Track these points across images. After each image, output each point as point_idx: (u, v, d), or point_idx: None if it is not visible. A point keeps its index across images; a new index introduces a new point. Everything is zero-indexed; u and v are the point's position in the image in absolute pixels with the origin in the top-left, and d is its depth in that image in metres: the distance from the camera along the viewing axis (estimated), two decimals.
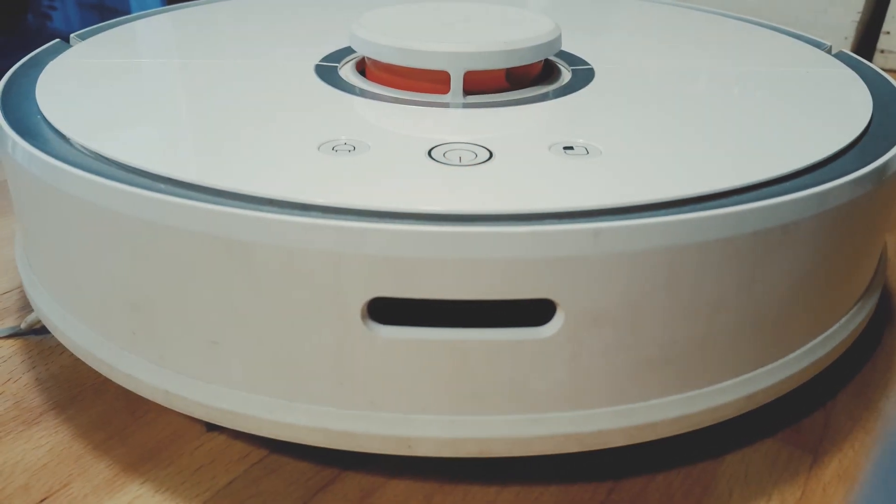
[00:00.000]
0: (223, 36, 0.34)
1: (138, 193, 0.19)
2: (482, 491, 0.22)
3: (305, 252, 0.18)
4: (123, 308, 0.21)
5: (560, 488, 0.22)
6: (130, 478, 0.22)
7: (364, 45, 0.27)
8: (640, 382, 0.20)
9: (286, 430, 0.20)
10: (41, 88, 0.26)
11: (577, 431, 0.20)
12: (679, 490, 0.22)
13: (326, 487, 0.22)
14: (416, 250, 0.18)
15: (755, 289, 0.20)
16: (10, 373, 0.27)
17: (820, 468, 0.23)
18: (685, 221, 0.18)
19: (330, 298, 0.18)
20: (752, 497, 0.22)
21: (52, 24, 1.35)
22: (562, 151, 0.22)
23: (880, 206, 0.24)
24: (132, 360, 0.21)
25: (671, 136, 0.23)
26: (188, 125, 0.23)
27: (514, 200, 0.19)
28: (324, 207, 0.18)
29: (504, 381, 0.19)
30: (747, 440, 0.24)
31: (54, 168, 0.20)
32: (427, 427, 0.20)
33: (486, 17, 0.29)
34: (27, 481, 0.22)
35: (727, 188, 0.20)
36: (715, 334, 0.20)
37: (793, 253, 0.20)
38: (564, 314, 0.19)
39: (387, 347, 0.19)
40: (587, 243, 0.18)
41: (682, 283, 0.19)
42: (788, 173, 0.21)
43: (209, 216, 0.18)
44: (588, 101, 0.26)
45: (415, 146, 0.22)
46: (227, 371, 0.20)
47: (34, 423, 0.24)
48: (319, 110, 0.25)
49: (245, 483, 0.22)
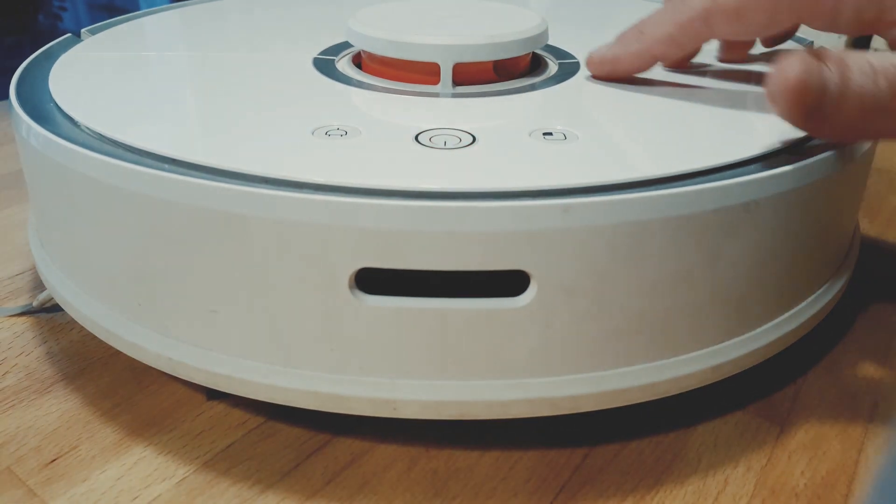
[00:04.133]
0: (227, 30, 0.35)
1: (143, 172, 0.20)
2: (464, 455, 0.24)
3: (296, 225, 0.19)
4: (129, 281, 0.22)
5: (538, 453, 0.24)
6: (135, 441, 0.24)
7: (359, 38, 0.28)
8: (610, 351, 0.21)
9: (280, 394, 0.22)
10: (54, 78, 0.28)
11: (550, 396, 0.21)
12: (651, 456, 0.24)
13: (318, 451, 0.24)
14: (399, 224, 0.19)
15: (720, 264, 0.21)
16: (23, 347, 0.28)
17: (786, 438, 0.25)
18: (649, 198, 0.20)
19: (319, 269, 0.20)
20: (721, 463, 0.24)
21: (62, 25, 1.38)
22: (541, 137, 0.23)
23: (847, 188, 0.25)
24: (138, 330, 0.23)
25: (647, 123, 0.24)
26: (191, 111, 0.25)
27: (491, 179, 0.20)
28: (314, 185, 0.20)
29: (482, 348, 0.21)
30: (719, 412, 0.26)
31: (66, 149, 0.22)
32: (411, 391, 0.21)
33: (477, 12, 0.30)
34: (39, 444, 0.24)
35: (693, 169, 0.21)
36: (681, 307, 0.22)
37: (756, 230, 0.22)
38: (537, 285, 0.20)
39: (373, 315, 0.20)
40: (557, 218, 0.19)
41: (647, 257, 0.20)
42: (754, 156, 0.22)
43: (209, 192, 0.20)
44: (571, 91, 0.28)
45: (403, 131, 0.23)
46: (225, 339, 0.22)
47: (46, 392, 0.26)
48: (315, 99, 0.26)
49: (243, 446, 0.24)
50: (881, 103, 0.21)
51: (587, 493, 0.23)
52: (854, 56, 0.21)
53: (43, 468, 0.23)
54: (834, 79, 0.21)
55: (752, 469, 0.23)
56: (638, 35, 0.27)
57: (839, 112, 0.21)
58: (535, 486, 0.23)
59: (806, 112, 0.21)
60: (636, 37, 0.27)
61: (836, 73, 0.21)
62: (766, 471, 0.23)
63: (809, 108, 0.21)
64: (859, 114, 0.21)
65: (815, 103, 0.21)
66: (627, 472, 0.23)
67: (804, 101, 0.21)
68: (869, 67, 0.21)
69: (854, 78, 0.21)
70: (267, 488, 0.22)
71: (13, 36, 1.02)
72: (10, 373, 0.27)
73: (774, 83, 0.21)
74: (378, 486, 0.23)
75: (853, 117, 0.21)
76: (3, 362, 0.27)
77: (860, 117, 0.21)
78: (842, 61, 0.21)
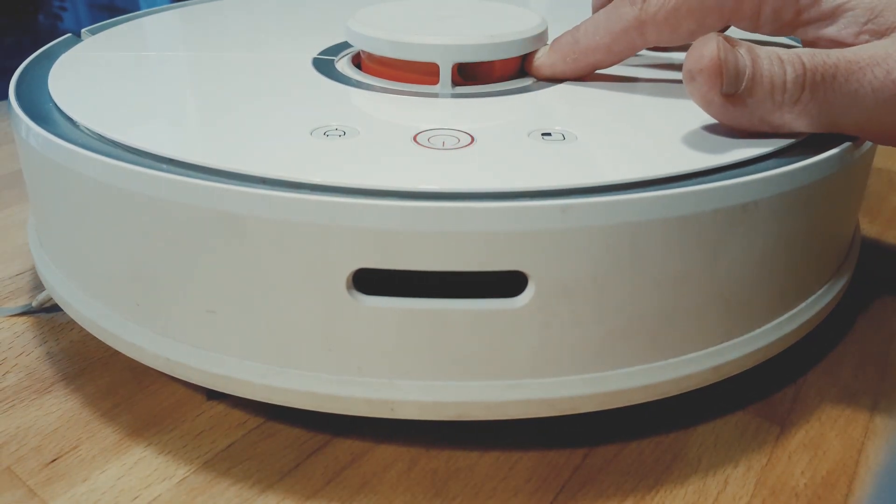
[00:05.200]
0: (227, 30, 0.35)
1: (142, 172, 0.20)
2: (464, 455, 0.24)
3: (294, 226, 0.19)
4: (128, 281, 0.22)
5: (538, 453, 0.24)
6: (136, 441, 0.24)
7: (358, 38, 0.28)
8: (609, 352, 0.21)
9: (278, 394, 0.22)
10: (53, 78, 0.28)
11: (549, 397, 0.21)
12: (651, 456, 0.24)
13: (318, 451, 0.24)
14: (398, 224, 0.19)
15: (719, 265, 0.21)
16: (24, 347, 0.28)
17: (786, 438, 0.25)
18: (648, 199, 0.20)
19: (317, 270, 0.20)
20: (721, 463, 0.24)
21: (62, 25, 1.38)
22: (540, 137, 0.23)
23: (846, 188, 0.25)
24: (136, 330, 0.23)
25: (646, 123, 0.24)
26: (191, 112, 0.25)
27: (490, 180, 0.20)
28: (312, 185, 0.20)
29: (481, 349, 0.21)
30: (719, 413, 0.26)
31: (65, 150, 0.22)
32: (409, 391, 0.21)
33: (476, 12, 0.30)
34: (39, 444, 0.24)
35: (692, 170, 0.21)
36: (680, 307, 0.21)
37: (755, 231, 0.22)
38: (535, 285, 0.20)
39: (371, 316, 0.20)
40: (556, 218, 0.19)
41: (646, 257, 0.20)
42: (753, 157, 0.22)
43: (207, 192, 0.20)
44: (571, 91, 0.28)
45: (401, 132, 0.23)
46: (223, 339, 0.22)
47: (46, 393, 0.26)
48: (314, 99, 0.26)
49: (243, 446, 0.24)
50: (788, 91, 0.22)
51: (587, 493, 0.22)
52: (762, 47, 0.22)
53: (43, 468, 0.23)
54: (746, 62, 0.22)
55: (752, 469, 0.23)
56: (573, 44, 0.28)
57: (751, 96, 0.22)
58: (535, 486, 0.23)
59: (721, 92, 0.22)
60: (571, 45, 0.28)
61: (748, 57, 0.22)
62: (766, 471, 0.23)
63: (726, 88, 0.22)
64: (770, 100, 0.22)
65: (731, 83, 0.22)
66: (627, 472, 0.23)
67: (720, 80, 0.22)
68: (777, 57, 0.22)
69: (764, 65, 0.22)
70: (267, 488, 0.22)
71: (13, 36, 1.02)
72: (10, 373, 0.27)
73: (692, 62, 0.22)
74: (378, 486, 0.23)
75: (765, 104, 0.22)
76: (3, 362, 0.27)
77: (771, 105, 0.22)
78: (752, 49, 0.22)
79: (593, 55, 0.27)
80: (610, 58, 0.27)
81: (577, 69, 0.28)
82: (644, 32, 0.26)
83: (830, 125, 0.23)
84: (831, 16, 0.24)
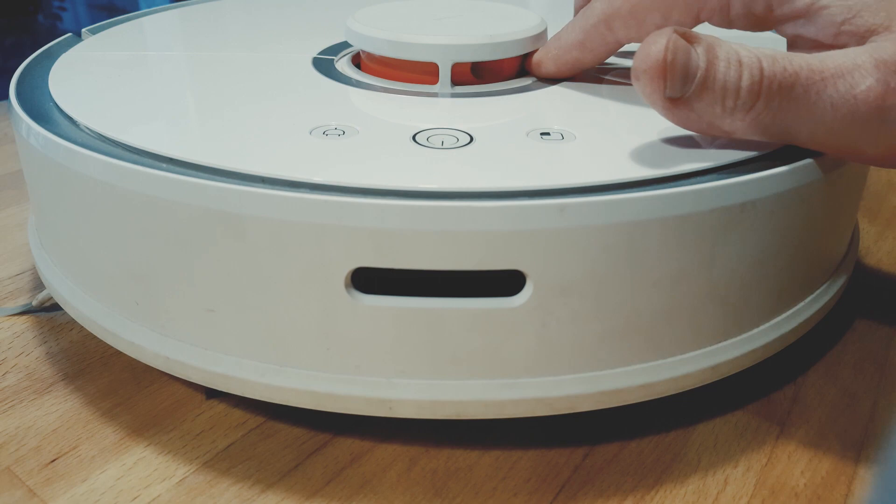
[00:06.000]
0: (227, 30, 0.35)
1: (142, 171, 0.20)
2: (464, 455, 0.24)
3: (293, 225, 0.19)
4: (127, 279, 0.22)
5: (538, 452, 0.24)
6: (135, 441, 0.24)
7: (358, 38, 0.28)
8: (607, 351, 0.21)
9: (277, 393, 0.22)
10: (53, 78, 0.28)
11: (546, 396, 0.21)
12: (651, 456, 0.24)
13: (319, 451, 0.24)
14: (396, 223, 0.19)
15: (717, 264, 0.21)
16: (23, 347, 0.28)
17: (786, 438, 0.25)
18: (646, 198, 0.20)
19: (316, 269, 0.20)
20: (720, 463, 0.24)
21: (62, 25, 1.38)
22: (538, 137, 0.23)
23: (845, 188, 0.25)
24: (136, 329, 0.23)
25: (644, 123, 0.24)
26: (190, 111, 0.25)
27: (488, 179, 0.20)
28: (311, 184, 0.20)
29: (478, 348, 0.21)
30: (718, 413, 0.26)
31: (65, 149, 0.22)
32: (407, 390, 0.21)
33: (476, 12, 0.30)
34: (39, 444, 0.24)
35: (690, 170, 0.21)
36: (678, 307, 0.21)
37: (753, 231, 0.22)
38: (533, 285, 0.20)
39: (370, 315, 0.20)
40: (554, 218, 0.19)
41: (644, 256, 0.20)
42: (752, 157, 0.22)
43: (207, 191, 0.20)
44: (570, 91, 0.28)
45: (400, 131, 0.23)
46: (222, 337, 0.22)
47: (45, 393, 0.26)
48: (313, 99, 0.26)
49: (243, 446, 0.24)
50: (741, 99, 0.20)
51: (587, 492, 0.22)
52: (725, 45, 0.21)
53: (43, 468, 0.23)
54: (700, 64, 0.20)
55: (752, 469, 0.23)
56: (556, 41, 0.28)
57: (699, 100, 0.21)
58: (535, 485, 0.23)
59: (664, 95, 0.21)
60: (555, 43, 0.28)
61: (704, 59, 0.20)
62: (766, 471, 0.23)
63: (670, 92, 0.20)
64: (719, 106, 0.21)
65: (677, 87, 0.20)
66: (627, 472, 0.23)
67: (664, 82, 0.20)
68: (736, 60, 0.20)
69: (720, 68, 0.20)
70: (267, 488, 0.22)
71: (13, 36, 1.02)
72: (10, 373, 0.27)
73: (638, 59, 0.20)
74: (378, 486, 0.23)
75: (713, 109, 0.21)
76: (3, 362, 0.27)
77: (720, 110, 0.21)
78: (711, 48, 0.20)
79: (570, 52, 0.27)
80: (586, 55, 0.27)
81: (560, 68, 0.28)
82: (612, 27, 0.25)
83: (784, 136, 0.22)
84: (806, 13, 0.22)
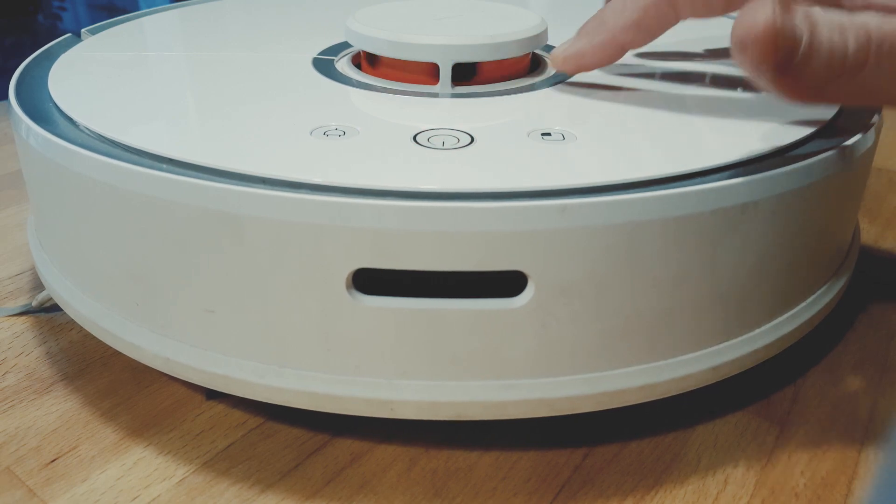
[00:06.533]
0: (227, 31, 0.35)
1: (142, 172, 0.20)
2: (464, 455, 0.24)
3: (294, 226, 0.19)
4: (127, 280, 0.22)
5: (538, 453, 0.24)
6: (135, 441, 0.24)
7: (358, 38, 0.28)
8: (608, 352, 0.21)
9: (277, 394, 0.22)
10: (53, 78, 0.28)
11: (547, 397, 0.21)
12: (650, 456, 0.24)
13: (318, 451, 0.24)
14: (397, 224, 0.19)
15: (718, 265, 0.21)
16: (23, 347, 0.28)
17: (786, 438, 0.25)
18: (647, 199, 0.20)
19: (316, 270, 0.20)
20: (721, 463, 0.24)
21: (62, 25, 1.38)
22: (539, 137, 0.23)
23: (846, 188, 0.25)
24: (136, 330, 0.23)
25: (645, 124, 0.24)
26: (190, 112, 0.25)
27: (489, 179, 0.20)
28: (312, 185, 0.20)
29: (479, 349, 0.21)
30: (718, 413, 0.26)
31: (65, 149, 0.22)
32: (408, 391, 0.21)
33: (476, 12, 0.30)
34: (39, 444, 0.24)
35: (691, 170, 0.21)
36: (679, 308, 0.21)
37: (754, 231, 0.22)
38: (535, 286, 0.20)
39: (370, 316, 0.20)
40: (554, 219, 0.19)
41: (645, 257, 0.20)
42: (753, 157, 0.22)
43: (207, 192, 0.20)
44: (570, 92, 0.28)
45: (401, 132, 0.23)
46: (222, 339, 0.22)
47: (45, 393, 0.26)
48: (314, 99, 0.26)
49: (243, 447, 0.24)
50: (849, 63, 0.20)
51: (587, 493, 0.22)
52: (822, 11, 0.20)
53: (43, 468, 0.23)
54: (803, 30, 0.19)
55: (751, 469, 0.23)
56: (600, 25, 0.26)
57: (807, 67, 0.20)
58: (535, 485, 0.23)
59: (776, 64, 0.20)
60: (598, 27, 0.26)
61: (806, 25, 0.19)
62: (765, 471, 0.23)
63: (779, 60, 0.19)
64: (826, 72, 0.20)
65: (786, 55, 0.19)
66: (627, 472, 0.23)
67: (775, 51, 0.19)
68: (838, 24, 0.20)
69: (824, 33, 0.19)
70: (267, 488, 0.22)
71: (13, 36, 1.02)
72: (10, 373, 0.27)
73: (742, 29, 0.19)
74: (378, 486, 0.23)
75: (821, 76, 0.20)
76: (3, 362, 0.27)
77: (827, 77, 0.20)
78: (810, 14, 0.19)
79: (622, 35, 0.25)
80: (640, 36, 0.25)
81: (606, 54, 0.26)
82: (676, 5, 0.24)
83: (890, 99, 0.21)
84: None
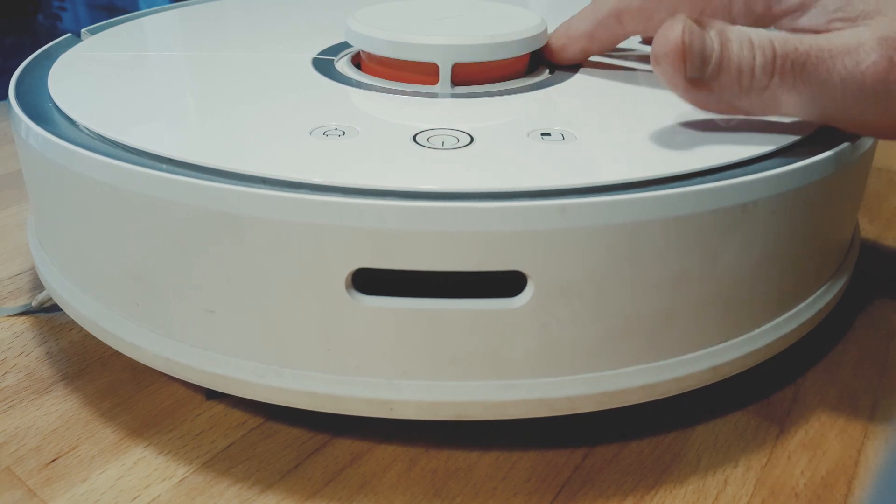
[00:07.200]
0: (227, 31, 0.35)
1: (142, 172, 0.20)
2: (464, 455, 0.24)
3: (294, 226, 0.19)
4: (127, 281, 0.22)
5: (538, 453, 0.24)
6: (135, 441, 0.24)
7: (358, 38, 0.28)
8: (608, 352, 0.21)
9: (277, 394, 0.22)
10: (53, 78, 0.28)
11: (547, 397, 0.21)
12: (650, 456, 0.24)
13: (318, 451, 0.24)
14: (397, 224, 0.19)
15: (718, 265, 0.21)
16: (23, 347, 0.28)
17: (786, 438, 0.25)
18: (647, 199, 0.20)
19: (316, 270, 0.20)
20: (721, 463, 0.24)
21: (62, 25, 1.38)
22: (539, 137, 0.23)
23: (846, 188, 0.25)
24: (136, 330, 0.23)
25: (644, 124, 0.24)
26: (190, 112, 0.25)
27: (488, 179, 0.20)
28: (311, 185, 0.20)
29: (479, 349, 0.21)
30: (718, 413, 0.26)
31: (64, 150, 0.22)
32: (408, 391, 0.21)
33: (476, 12, 0.30)
34: (39, 444, 0.24)
35: (691, 170, 0.21)
36: (679, 308, 0.21)
37: (754, 231, 0.22)
38: (535, 286, 0.20)
39: (370, 316, 0.20)
40: (554, 219, 0.19)
41: (645, 257, 0.20)
42: (752, 157, 0.22)
43: (207, 192, 0.20)
44: (570, 92, 0.28)
45: (401, 132, 0.23)
46: (222, 339, 0.22)
47: (45, 393, 0.26)
48: (313, 99, 0.26)
49: (243, 447, 0.24)
50: (757, 78, 0.22)
51: (587, 493, 0.22)
52: (735, 29, 0.22)
53: (43, 468, 0.23)
54: (714, 46, 0.22)
55: (751, 469, 0.23)
56: (566, 30, 0.29)
57: (717, 81, 0.22)
58: (535, 485, 0.23)
59: (686, 77, 0.22)
60: (565, 31, 0.29)
61: (717, 41, 0.22)
62: (765, 471, 0.23)
63: (690, 73, 0.22)
64: (736, 86, 0.22)
65: (696, 68, 0.22)
66: (627, 472, 0.23)
67: (685, 64, 0.22)
68: (748, 41, 0.22)
69: (734, 49, 0.22)
70: (267, 488, 0.22)
71: (13, 36, 1.02)
72: (10, 373, 0.27)
73: (657, 45, 0.22)
74: (378, 486, 0.23)
75: (731, 89, 0.22)
76: (3, 362, 0.27)
77: (737, 90, 0.22)
78: (723, 31, 0.22)
79: (579, 42, 0.29)
80: (593, 45, 0.29)
81: (567, 55, 0.30)
82: (622, 20, 0.27)
83: (797, 112, 0.23)
84: (801, 7, 0.24)
